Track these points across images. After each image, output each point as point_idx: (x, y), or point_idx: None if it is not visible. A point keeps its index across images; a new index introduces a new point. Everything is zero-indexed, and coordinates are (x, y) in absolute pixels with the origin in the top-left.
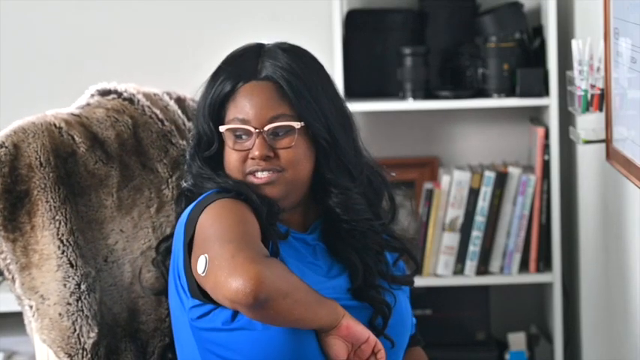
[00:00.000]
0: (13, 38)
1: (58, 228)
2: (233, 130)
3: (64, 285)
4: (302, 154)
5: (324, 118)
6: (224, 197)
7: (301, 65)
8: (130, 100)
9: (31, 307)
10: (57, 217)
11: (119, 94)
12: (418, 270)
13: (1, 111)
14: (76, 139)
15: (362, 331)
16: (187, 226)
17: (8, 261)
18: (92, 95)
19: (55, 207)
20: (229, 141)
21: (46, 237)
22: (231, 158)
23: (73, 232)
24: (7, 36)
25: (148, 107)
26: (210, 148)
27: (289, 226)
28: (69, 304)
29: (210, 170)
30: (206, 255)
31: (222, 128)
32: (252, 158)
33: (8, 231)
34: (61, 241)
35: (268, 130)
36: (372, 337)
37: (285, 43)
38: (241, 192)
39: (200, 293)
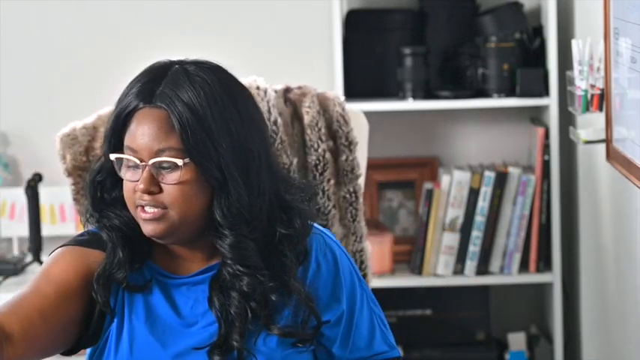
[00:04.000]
0: (13, 38)
1: None
2: (126, 159)
3: None
4: (190, 192)
5: (216, 156)
6: (68, 245)
7: (202, 95)
8: None
9: None
10: None
11: None
12: (320, 326)
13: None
14: None
15: None
16: None
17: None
18: None
19: None
20: (122, 169)
21: None
22: (125, 188)
23: None
24: (7, 36)
25: None
26: (113, 174)
27: (184, 264)
28: None
29: (104, 205)
30: None
31: (112, 157)
32: (137, 191)
33: (80, 204)
34: None
35: (154, 163)
36: None
37: (195, 65)
38: (97, 243)
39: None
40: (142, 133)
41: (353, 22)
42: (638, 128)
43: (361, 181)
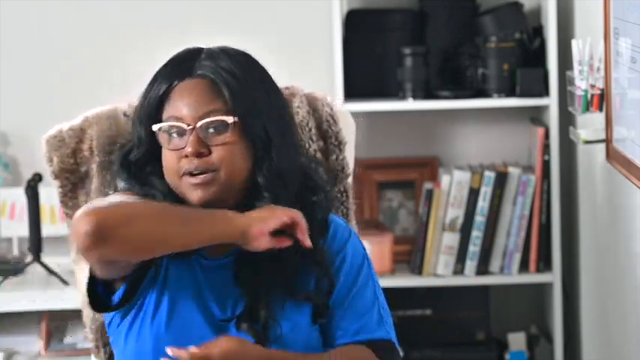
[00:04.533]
0: (13, 38)
1: None
2: (167, 130)
3: None
4: (237, 153)
5: (259, 117)
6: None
7: (239, 66)
8: None
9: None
10: None
11: None
12: (332, 289)
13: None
14: None
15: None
16: None
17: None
18: None
19: (101, 191)
20: (164, 141)
21: None
22: (167, 159)
23: None
24: (7, 36)
25: None
26: (147, 153)
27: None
28: None
29: (145, 176)
30: None
31: (155, 127)
32: (186, 156)
33: (68, 207)
34: None
35: (201, 125)
36: (288, 217)
37: (227, 47)
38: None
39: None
40: (185, 101)
41: (353, 22)
42: (638, 128)
43: (350, 180)
